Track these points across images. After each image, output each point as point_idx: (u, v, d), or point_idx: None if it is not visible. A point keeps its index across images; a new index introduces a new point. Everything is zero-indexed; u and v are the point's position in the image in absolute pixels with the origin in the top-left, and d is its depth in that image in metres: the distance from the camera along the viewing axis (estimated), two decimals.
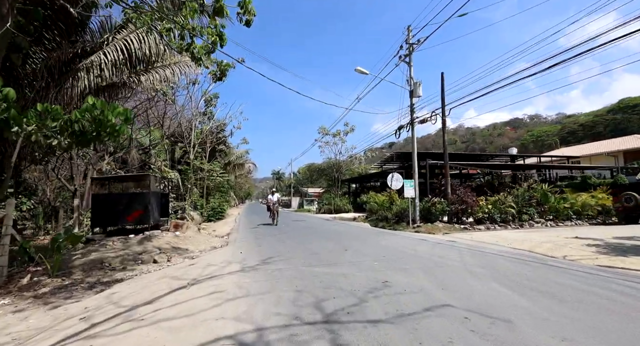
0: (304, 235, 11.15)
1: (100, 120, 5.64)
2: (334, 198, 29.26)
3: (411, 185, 16.06)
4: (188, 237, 10.78)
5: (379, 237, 11.23)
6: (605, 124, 71.32)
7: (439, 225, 15.00)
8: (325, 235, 11.73)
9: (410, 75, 16.32)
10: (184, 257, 8.72)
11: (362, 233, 12.77)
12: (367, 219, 21.14)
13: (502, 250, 7.78)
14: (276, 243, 9.58)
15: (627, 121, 68.03)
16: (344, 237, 11.18)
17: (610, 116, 74.31)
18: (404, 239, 10.44)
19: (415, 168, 16.37)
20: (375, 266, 5.68)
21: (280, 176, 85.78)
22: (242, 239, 11.15)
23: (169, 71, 12.79)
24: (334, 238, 10.64)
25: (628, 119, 68.43)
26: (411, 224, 15.62)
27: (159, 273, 6.82)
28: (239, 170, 34.36)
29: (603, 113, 79.04)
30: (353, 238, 10.73)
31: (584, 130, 73.61)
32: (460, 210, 15.24)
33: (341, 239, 10.24)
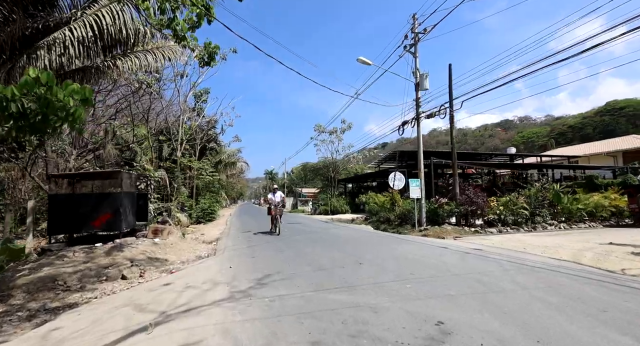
0: (304, 241, 9.66)
1: (47, 100, 4.07)
2: (330, 198, 27.80)
3: (417, 185, 14.70)
4: (169, 245, 9.17)
5: (390, 243, 9.79)
6: (594, 126, 71.68)
7: (447, 228, 13.67)
8: (329, 240, 10.22)
9: (416, 67, 14.97)
10: (161, 270, 7.13)
11: (369, 238, 11.33)
12: (368, 221, 19.73)
13: (544, 262, 6.42)
14: (273, 252, 8.04)
15: (616, 123, 68.50)
16: (351, 243, 9.70)
17: (599, 118, 74.80)
18: (420, 246, 9.03)
19: (422, 166, 15.02)
20: (409, 292, 4.20)
21: (273, 176, 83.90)
22: (233, 247, 9.57)
23: (151, 57, 11.11)
24: (339, 244, 9.15)
25: (616, 121, 68.90)
26: (417, 227, 14.27)
27: (124, 296, 5.24)
28: (230, 169, 32.61)
29: (591, 115, 79.61)
30: (361, 244, 9.25)
31: (573, 131, 73.87)
32: (470, 211, 13.93)
33: (348, 246, 8.75)
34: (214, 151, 31.42)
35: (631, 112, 71.64)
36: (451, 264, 5.98)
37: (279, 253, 7.81)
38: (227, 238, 12.18)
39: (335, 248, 8.55)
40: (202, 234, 15.80)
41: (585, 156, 27.57)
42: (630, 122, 68.94)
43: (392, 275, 5.09)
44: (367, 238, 11.41)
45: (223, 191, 35.30)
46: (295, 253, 7.82)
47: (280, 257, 7.35)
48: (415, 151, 24.01)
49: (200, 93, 28.45)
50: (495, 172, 23.25)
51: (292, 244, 9.34)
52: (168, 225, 10.58)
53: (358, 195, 27.07)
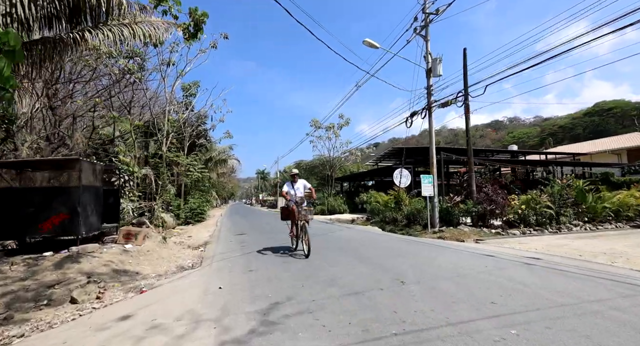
0: (313, 247, 7.90)
1: None
2: (327, 197, 26.13)
3: (429, 182, 13.15)
4: (145, 252, 7.34)
5: (420, 250, 8.11)
6: (584, 126, 71.95)
7: (464, 230, 12.17)
8: (343, 246, 8.39)
9: (428, 51, 13.43)
10: (129, 288, 5.34)
11: (385, 243, 9.69)
12: (370, 221, 18.13)
13: (635, 277, 4.87)
14: (275, 263, 6.30)
15: (605, 123, 68.85)
16: (369, 249, 7.95)
17: (588, 118, 75.18)
18: (458, 254, 7.38)
19: (434, 161, 13.47)
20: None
21: (265, 176, 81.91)
22: (224, 254, 7.79)
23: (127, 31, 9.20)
24: (357, 252, 7.36)
25: (606, 121, 69.28)
26: (429, 228, 12.72)
27: (57, 337, 3.46)
28: (221, 167, 30.60)
29: (580, 116, 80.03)
30: (385, 252, 7.45)
31: (564, 132, 74.00)
32: (489, 211, 12.44)
33: (370, 255, 6.97)
34: (203, 148, 29.41)
35: (619, 112, 72.21)
36: (531, 283, 4.28)
37: (285, 265, 6.03)
38: (217, 242, 10.39)
39: (355, 256, 6.82)
40: (189, 237, 13.96)
41: (588, 154, 26.57)
42: (619, 123, 69.38)
43: (466, 306, 3.37)
44: (383, 242, 9.73)
45: (213, 190, 33.29)
46: (307, 264, 6.04)
47: (287, 270, 5.56)
48: (419, 147, 22.51)
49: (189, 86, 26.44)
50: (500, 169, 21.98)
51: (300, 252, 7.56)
52: (145, 227, 8.74)
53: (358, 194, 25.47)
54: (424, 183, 13.09)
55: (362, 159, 29.29)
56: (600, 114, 75.11)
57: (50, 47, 8.45)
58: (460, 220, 13.13)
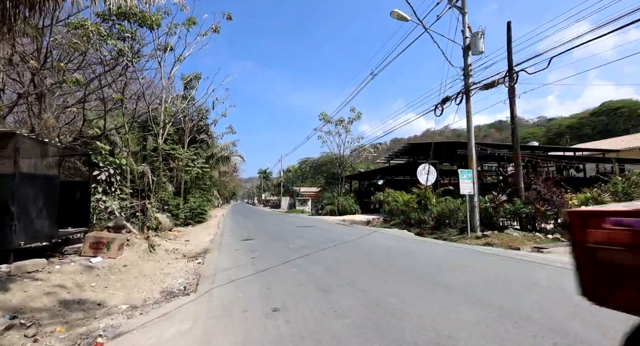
0: (351, 261, 5.65)
1: None
2: (336, 197, 23.98)
3: (469, 177, 11.05)
4: (118, 268, 5.22)
5: (508, 265, 5.97)
6: (592, 126, 70.00)
7: (513, 234, 10.06)
8: (392, 263, 6.03)
9: (466, 24, 11.34)
10: (78, 334, 3.26)
11: (437, 254, 7.56)
12: (391, 223, 16.01)
13: None
14: (313, 297, 3.95)
15: (615, 123, 66.97)
16: (432, 268, 5.75)
17: (595, 118, 73.33)
18: (537, 269, 5.36)
19: (473, 153, 11.37)
20: None
21: (267, 175, 79.81)
22: (229, 270, 5.66)
23: None
24: (418, 271, 5.15)
25: (615, 121, 67.42)
26: (470, 232, 10.60)
27: None
28: (223, 164, 28.43)
29: (587, 116, 78.20)
30: (460, 271, 5.31)
31: (571, 131, 71.89)
32: (542, 212, 10.32)
33: (443, 278, 4.75)
34: (204, 144, 27.29)
35: (627, 112, 70.57)
36: None
37: (327, 299, 3.75)
38: (219, 250, 8.27)
39: (424, 279, 4.60)
40: (187, 241, 11.86)
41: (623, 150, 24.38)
42: (627, 122, 67.60)
43: None
44: (431, 253, 7.51)
45: (215, 189, 31.19)
46: (365, 299, 3.76)
47: (335, 311, 3.40)
48: (443, 142, 20.30)
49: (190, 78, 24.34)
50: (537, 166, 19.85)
51: (336, 269, 5.39)
52: (125, 231, 6.62)
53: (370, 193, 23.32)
54: (462, 180, 10.98)
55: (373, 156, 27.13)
56: (608, 114, 73.24)
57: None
58: (507, 223, 11.03)
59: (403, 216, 15.81)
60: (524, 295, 3.96)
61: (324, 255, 6.80)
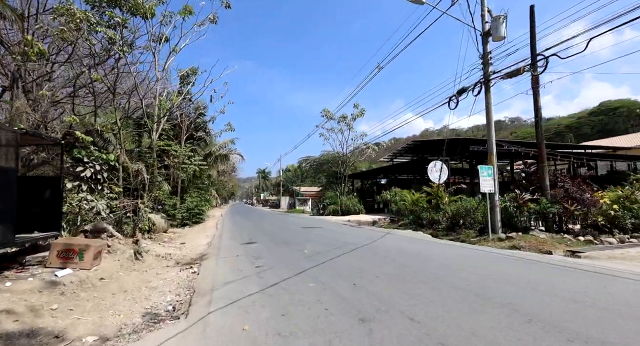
0: (383, 276, 4.41)
1: None
2: (340, 196, 22.95)
3: (489, 175, 10.09)
4: (92, 283, 4.18)
5: (543, 278, 4.99)
6: (592, 125, 69.52)
7: (539, 236, 9.11)
8: (422, 269, 5.34)
9: (485, 8, 10.39)
10: None
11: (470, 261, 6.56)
12: (399, 224, 15.02)
13: None
14: (342, 324, 2.94)
15: (614, 122, 66.52)
16: (473, 277, 4.57)
17: (594, 118, 72.92)
18: (591, 278, 4.44)
19: (493, 147, 10.41)
20: None
21: (266, 175, 78.70)
22: (230, 285, 4.62)
23: None
24: (458, 283, 4.18)
25: (614, 120, 66.99)
26: (490, 234, 9.64)
27: None
28: (222, 163, 27.34)
29: (585, 116, 77.84)
30: (504, 281, 4.33)
31: (571, 131, 71.39)
32: (570, 212, 9.36)
33: (495, 292, 3.83)
34: (202, 142, 26.20)
35: (625, 112, 70.38)
36: None
37: (366, 327, 2.82)
38: (217, 256, 7.24)
39: (486, 301, 3.49)
40: (182, 244, 10.84)
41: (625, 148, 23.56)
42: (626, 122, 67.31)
43: None
44: (478, 262, 6.42)
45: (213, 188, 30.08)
46: (423, 334, 2.71)
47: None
48: (452, 139, 19.35)
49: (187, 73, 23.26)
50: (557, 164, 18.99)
51: (364, 284, 4.28)
52: (107, 235, 5.57)
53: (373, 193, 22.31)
54: (482, 177, 10.02)
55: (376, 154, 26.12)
56: (606, 113, 72.94)
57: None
58: (531, 223, 10.07)
59: (412, 216, 14.83)
60: (607, 320, 2.97)
61: (342, 264, 5.76)
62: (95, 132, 15.80)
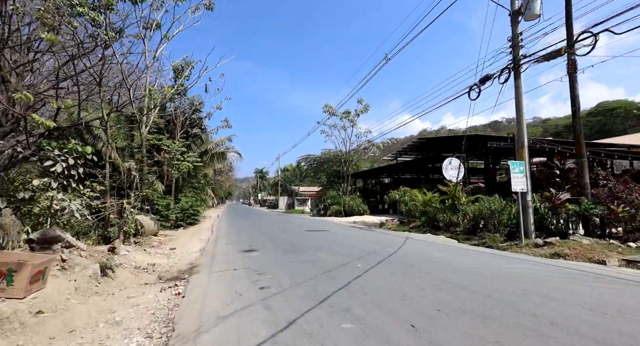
0: (445, 309, 2.85)
1: None
2: (342, 196, 21.61)
3: (521, 171, 8.83)
4: (20, 321, 2.73)
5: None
6: (590, 126, 68.88)
7: (582, 242, 7.85)
8: (504, 302, 3.44)
9: None
10: None
11: (556, 281, 5.26)
12: (410, 226, 13.69)
13: None
14: None
15: (612, 123, 66.11)
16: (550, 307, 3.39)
17: (592, 118, 72.46)
18: None
19: (525, 140, 9.16)
20: None
21: (263, 175, 77.18)
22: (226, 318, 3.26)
23: None
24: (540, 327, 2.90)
25: (612, 121, 66.61)
26: (523, 239, 8.37)
27: None
28: (219, 161, 25.88)
29: (583, 116, 77.04)
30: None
31: (569, 131, 70.67)
32: (616, 214, 8.11)
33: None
34: (198, 139, 24.73)
35: (622, 112, 70.32)
36: None
37: None
38: (210, 267, 5.87)
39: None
40: (172, 249, 9.47)
41: None
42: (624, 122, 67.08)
43: None
44: (548, 280, 5.04)
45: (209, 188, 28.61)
46: None
47: None
48: (467, 135, 18.17)
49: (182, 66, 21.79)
50: None
51: (428, 327, 2.75)
52: (62, 246, 4.18)
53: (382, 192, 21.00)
54: (513, 173, 8.75)
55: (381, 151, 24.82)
56: (604, 114, 72.64)
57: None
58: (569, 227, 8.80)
59: (425, 217, 13.54)
60: None
61: (375, 284, 4.26)
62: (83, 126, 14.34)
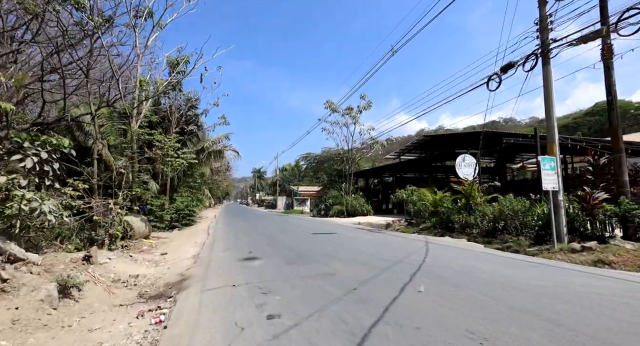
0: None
1: None
2: (344, 196, 20.59)
3: (552, 168, 7.90)
4: None
5: None
6: (588, 125, 68.64)
7: (625, 247, 6.93)
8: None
9: None
10: None
11: None
12: (420, 227, 12.71)
13: None
14: None
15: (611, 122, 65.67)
16: None
17: (591, 118, 72.17)
18: None
19: (555, 134, 8.23)
20: None
21: (261, 175, 76.00)
22: None
23: None
24: None
25: None
26: (556, 243, 7.42)
27: None
28: (215, 160, 24.76)
29: (581, 116, 77.18)
30: None
31: (568, 131, 70.38)
32: None
33: None
34: (194, 136, 23.60)
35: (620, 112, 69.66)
36: None
37: None
38: (204, 281, 4.84)
39: None
40: (163, 254, 8.44)
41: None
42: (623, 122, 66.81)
43: None
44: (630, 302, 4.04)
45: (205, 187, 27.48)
46: None
47: None
48: (473, 132, 17.23)
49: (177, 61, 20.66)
50: None
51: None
52: (2, 261, 3.16)
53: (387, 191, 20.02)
54: (543, 170, 7.81)
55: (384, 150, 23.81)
56: (601, 114, 72.36)
57: None
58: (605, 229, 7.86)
59: (435, 218, 12.58)
60: None
61: (427, 314, 3.17)
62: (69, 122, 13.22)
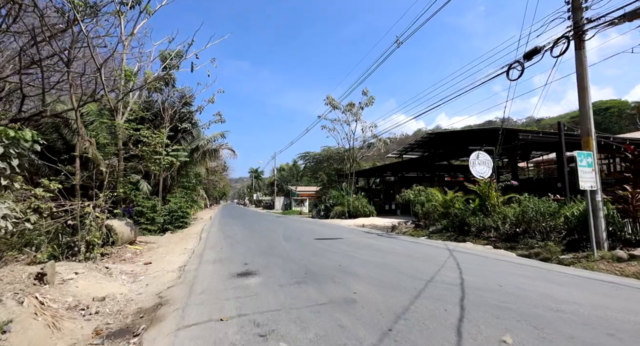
0: None
1: None
2: (346, 196, 19.54)
3: (589, 164, 6.91)
4: None
5: None
6: None
7: None
8: None
9: None
10: None
11: None
12: (430, 230, 11.68)
13: None
14: None
15: (607, 122, 65.86)
16: None
17: None
18: None
19: (592, 127, 7.28)
20: None
21: (258, 175, 74.75)
22: None
23: None
24: None
25: (608, 120, 66.41)
26: (596, 250, 6.43)
27: None
28: (211, 159, 23.62)
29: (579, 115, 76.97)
30: None
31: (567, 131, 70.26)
32: None
33: None
34: (188, 134, 22.41)
35: (616, 112, 70.57)
36: None
37: None
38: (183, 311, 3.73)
39: None
40: (147, 264, 7.38)
41: None
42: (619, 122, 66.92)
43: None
44: None
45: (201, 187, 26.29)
46: None
47: None
48: (482, 129, 16.22)
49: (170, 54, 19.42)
50: None
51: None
52: None
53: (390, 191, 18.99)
54: (580, 167, 6.83)
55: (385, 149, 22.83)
56: (598, 113, 72.37)
57: None
58: None
59: (446, 221, 11.57)
60: None
61: None
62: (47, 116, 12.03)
